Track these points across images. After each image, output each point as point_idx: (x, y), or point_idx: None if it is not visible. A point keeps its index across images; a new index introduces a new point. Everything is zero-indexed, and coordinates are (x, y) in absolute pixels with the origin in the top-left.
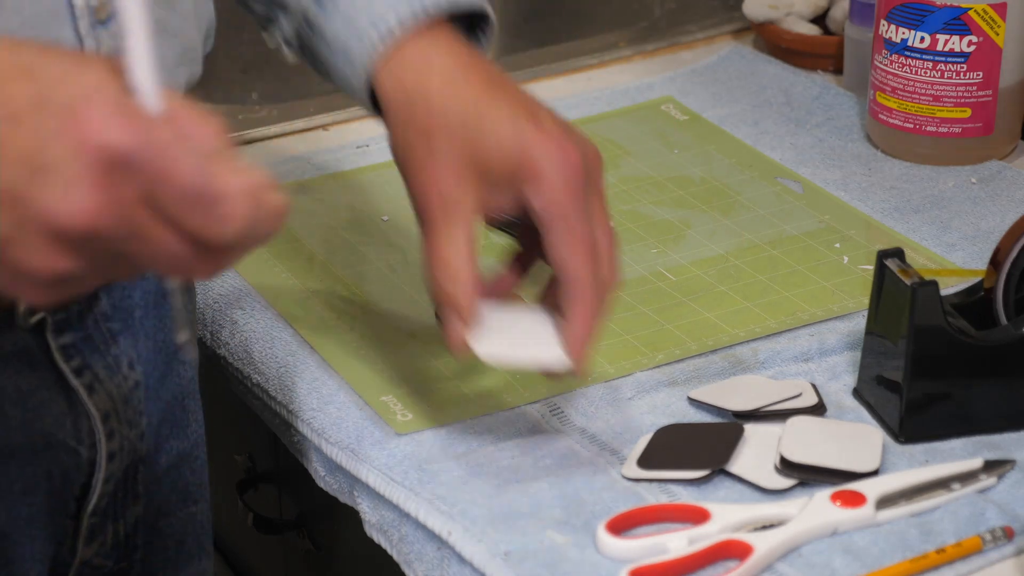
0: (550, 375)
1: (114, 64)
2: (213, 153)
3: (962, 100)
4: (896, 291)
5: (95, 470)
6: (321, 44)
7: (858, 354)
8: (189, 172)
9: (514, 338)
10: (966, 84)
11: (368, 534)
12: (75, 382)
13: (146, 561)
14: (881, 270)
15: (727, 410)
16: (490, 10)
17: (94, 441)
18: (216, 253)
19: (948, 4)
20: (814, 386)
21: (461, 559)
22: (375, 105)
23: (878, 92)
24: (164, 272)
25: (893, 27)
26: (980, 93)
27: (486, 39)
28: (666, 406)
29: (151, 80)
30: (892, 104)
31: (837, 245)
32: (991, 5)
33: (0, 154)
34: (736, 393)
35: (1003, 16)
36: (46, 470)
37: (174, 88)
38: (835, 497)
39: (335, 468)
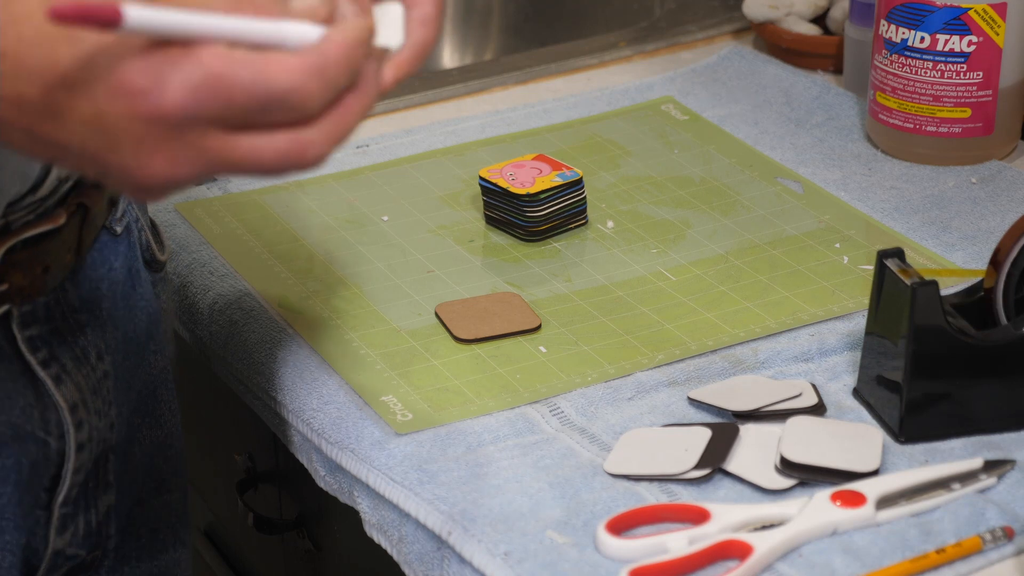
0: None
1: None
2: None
3: (962, 100)
4: (896, 291)
5: (65, 461)
6: None
7: (858, 354)
8: (247, 91)
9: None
10: (966, 84)
11: (368, 534)
12: (42, 373)
13: (119, 550)
14: (881, 270)
15: (727, 410)
16: None
17: (63, 432)
18: (320, 126)
19: (948, 4)
20: (814, 386)
21: (461, 559)
22: None
23: (878, 92)
24: (274, 171)
25: (893, 27)
26: (980, 93)
27: None
28: (666, 406)
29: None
30: (892, 104)
31: (837, 245)
32: (991, 5)
33: (68, 118)
34: (736, 393)
35: (1003, 16)
36: (15, 461)
37: None
38: (835, 497)
39: (335, 468)
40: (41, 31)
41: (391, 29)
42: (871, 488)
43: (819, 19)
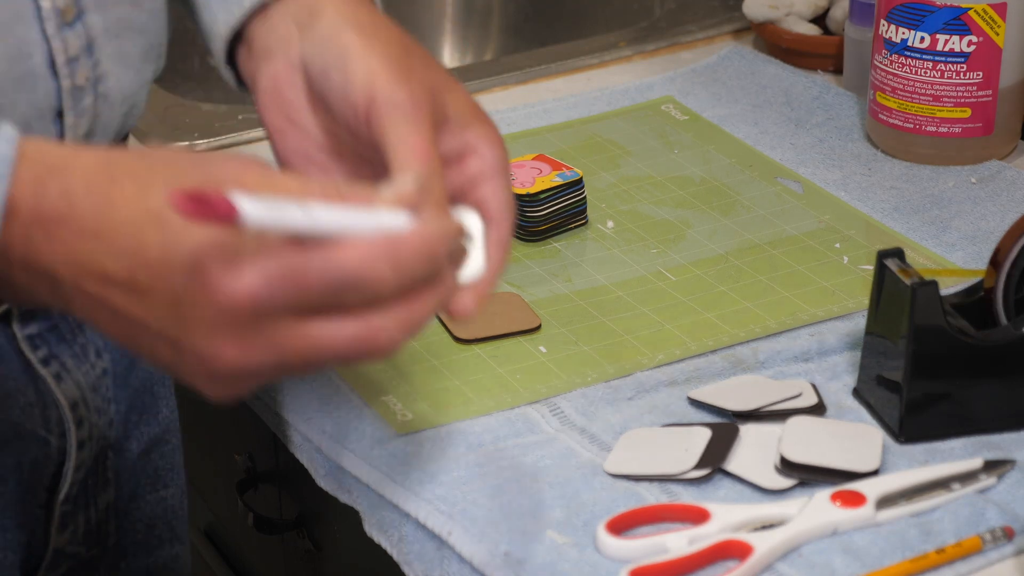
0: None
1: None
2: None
3: (962, 100)
4: (896, 291)
5: (65, 459)
6: None
7: (858, 354)
8: (320, 277)
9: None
10: (966, 84)
11: (368, 534)
12: (42, 371)
13: (117, 546)
14: (881, 270)
15: (727, 410)
16: None
17: (63, 430)
18: (393, 312)
19: (948, 4)
20: (814, 386)
21: (461, 559)
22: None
23: (878, 92)
24: (346, 356)
25: (893, 27)
26: (980, 93)
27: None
28: (666, 406)
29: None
30: (892, 104)
31: (837, 245)
32: (991, 5)
33: (149, 297)
34: (736, 393)
35: (1003, 16)
36: (16, 460)
37: (141, 84)
38: (835, 497)
39: (335, 468)
40: (134, 214)
41: (474, 251)
42: (871, 488)
43: (819, 19)
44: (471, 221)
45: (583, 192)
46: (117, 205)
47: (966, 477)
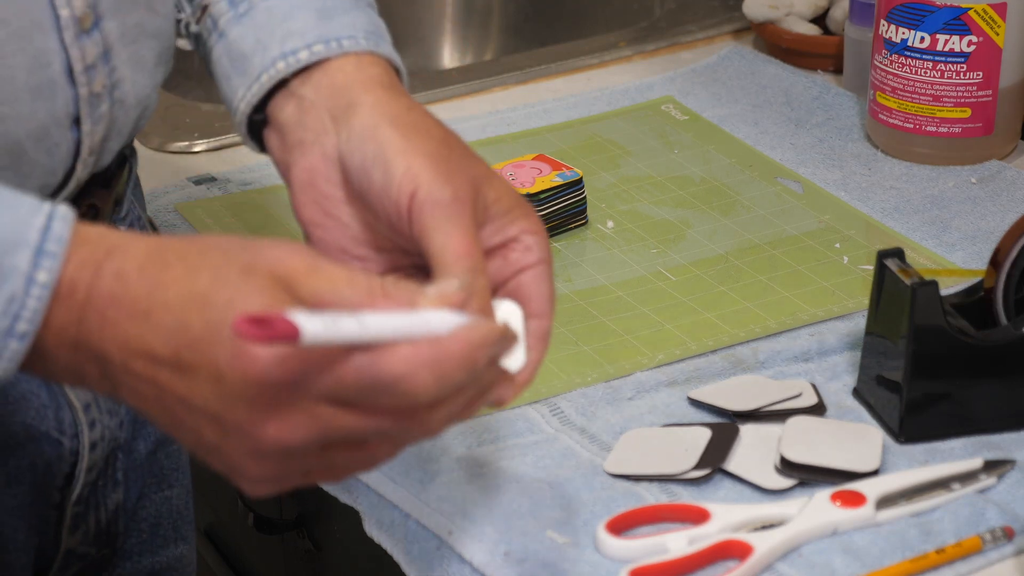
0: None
1: (278, 273)
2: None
3: (962, 100)
4: (896, 291)
5: (78, 460)
6: (219, 43)
7: (858, 354)
8: (358, 370)
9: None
10: (966, 84)
11: (368, 534)
12: None
13: (124, 546)
14: (881, 270)
15: (727, 410)
16: (402, 66)
17: (76, 431)
18: (426, 417)
19: (948, 4)
20: (814, 386)
21: (461, 559)
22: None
23: (878, 92)
24: (379, 461)
25: (893, 27)
26: (980, 93)
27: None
28: (666, 406)
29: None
30: (892, 104)
31: (837, 245)
32: (991, 5)
33: (195, 375)
34: (736, 393)
35: (1003, 16)
36: (30, 462)
37: (154, 87)
38: (835, 497)
39: None
40: (181, 295)
41: (516, 343)
42: (871, 488)
43: (819, 19)
44: (512, 312)
45: (583, 192)
46: (167, 287)
47: (966, 477)
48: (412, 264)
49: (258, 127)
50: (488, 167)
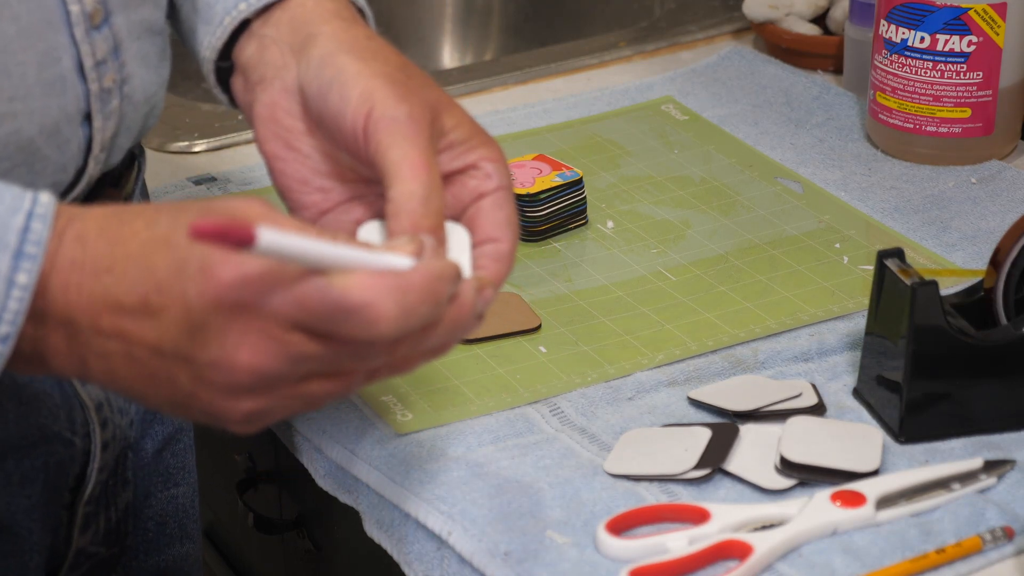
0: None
1: (235, 216)
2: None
3: (962, 100)
4: (896, 291)
5: (90, 460)
6: None
7: (858, 354)
8: (321, 293)
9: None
10: (966, 84)
11: (368, 534)
12: None
13: (131, 545)
14: (881, 270)
15: (727, 410)
16: (366, 7)
17: (88, 431)
18: (396, 353)
19: (948, 4)
20: (814, 386)
21: (461, 559)
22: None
23: (878, 92)
24: (353, 390)
25: (893, 27)
26: (980, 93)
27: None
28: (666, 406)
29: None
30: (892, 104)
31: (837, 245)
32: (991, 5)
33: (163, 317)
34: (736, 393)
35: (1003, 16)
36: (43, 462)
37: (160, 84)
38: (835, 497)
39: (335, 468)
40: (143, 243)
41: (459, 258)
42: (871, 488)
43: (819, 19)
44: (454, 231)
45: (583, 192)
46: (127, 241)
47: (966, 477)
48: (374, 193)
49: (227, 76)
50: (448, 96)
